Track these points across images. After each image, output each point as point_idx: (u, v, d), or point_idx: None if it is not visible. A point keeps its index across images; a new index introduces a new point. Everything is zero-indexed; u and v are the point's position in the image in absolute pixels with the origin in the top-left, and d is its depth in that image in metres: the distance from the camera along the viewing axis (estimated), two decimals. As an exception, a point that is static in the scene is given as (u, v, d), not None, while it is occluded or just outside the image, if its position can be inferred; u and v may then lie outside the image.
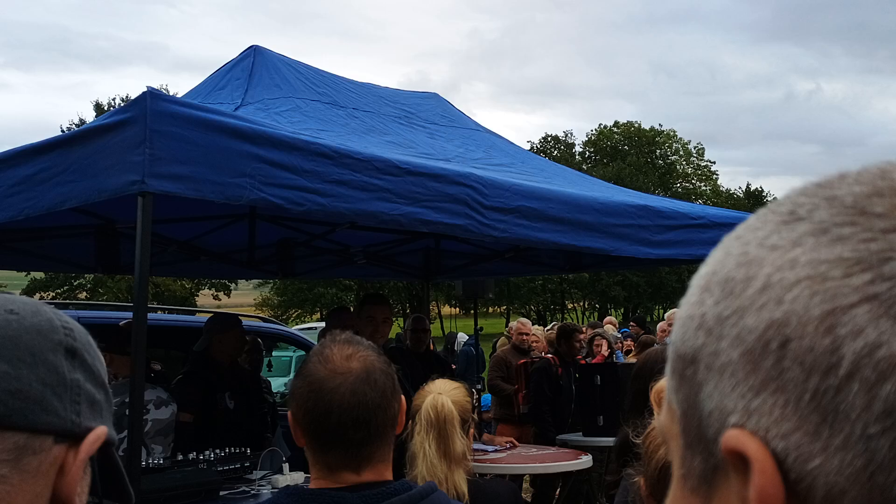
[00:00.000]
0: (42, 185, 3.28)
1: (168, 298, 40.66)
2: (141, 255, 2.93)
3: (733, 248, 0.47)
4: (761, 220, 0.47)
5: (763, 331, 0.42)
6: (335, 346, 1.68)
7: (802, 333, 0.41)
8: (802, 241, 0.43)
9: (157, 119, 2.90)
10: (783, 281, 0.43)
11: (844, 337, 0.40)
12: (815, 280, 0.41)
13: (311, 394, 1.62)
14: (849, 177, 0.46)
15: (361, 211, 3.50)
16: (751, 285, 0.44)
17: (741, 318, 0.44)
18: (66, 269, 7.32)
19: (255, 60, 4.92)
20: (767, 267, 0.44)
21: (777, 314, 0.42)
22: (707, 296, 0.47)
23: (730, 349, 0.44)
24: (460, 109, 6.03)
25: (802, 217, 0.45)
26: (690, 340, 0.47)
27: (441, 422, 2.63)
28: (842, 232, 0.42)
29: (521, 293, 51.73)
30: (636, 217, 4.80)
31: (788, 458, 0.41)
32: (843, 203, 0.44)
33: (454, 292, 8.96)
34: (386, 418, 1.64)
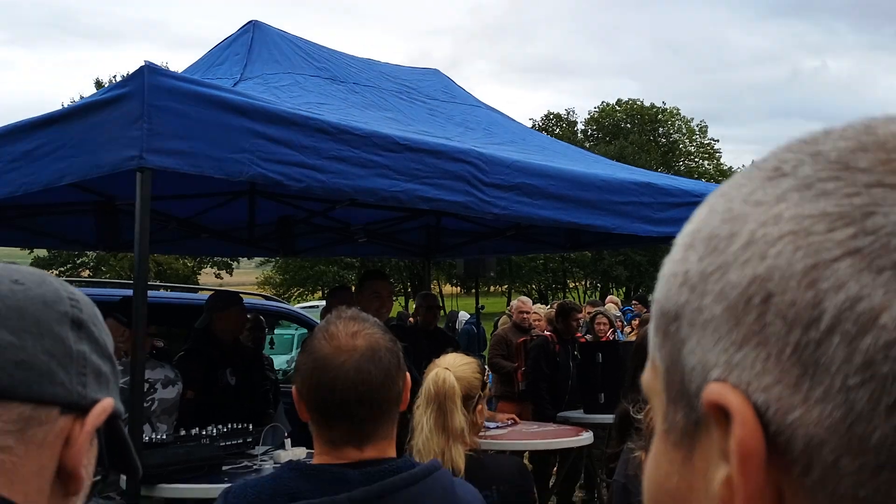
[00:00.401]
0: (40, 161, 3.27)
1: (170, 277, 40.74)
2: (140, 231, 2.92)
3: (718, 205, 0.47)
4: (746, 177, 0.47)
5: (746, 286, 0.43)
6: (340, 322, 1.67)
7: (785, 288, 0.41)
8: (786, 196, 0.43)
9: (155, 94, 2.88)
10: (767, 236, 0.43)
11: (826, 291, 0.40)
12: (799, 235, 0.42)
13: (315, 370, 1.62)
14: (834, 133, 0.46)
15: (361, 187, 3.49)
16: (734, 241, 0.44)
17: (724, 273, 0.44)
18: (66, 246, 7.33)
19: (254, 36, 4.89)
20: (751, 223, 0.44)
21: (760, 269, 0.42)
22: (691, 252, 0.47)
23: (713, 305, 0.44)
24: (462, 86, 5.99)
25: (787, 173, 0.45)
26: (674, 297, 0.47)
27: (441, 396, 2.62)
28: (825, 187, 0.42)
29: (523, 272, 51.73)
30: (638, 194, 4.79)
31: (769, 410, 0.41)
32: (828, 158, 0.44)
33: (455, 271, 8.96)
34: (390, 396, 1.64)
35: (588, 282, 62.69)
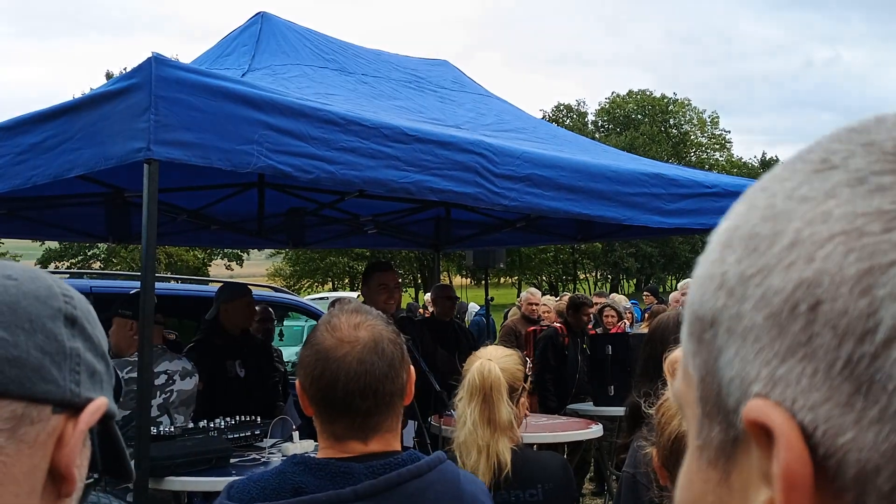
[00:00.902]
0: (48, 153, 3.26)
1: (180, 268, 40.89)
2: (148, 222, 2.91)
3: (758, 201, 0.43)
4: (790, 170, 0.43)
5: (791, 291, 0.38)
6: (343, 315, 1.66)
7: (836, 295, 0.37)
8: (836, 191, 0.39)
9: (163, 85, 2.86)
10: (814, 236, 0.39)
11: (883, 299, 0.36)
12: (851, 235, 0.37)
13: (318, 362, 1.60)
14: (888, 120, 0.41)
15: (370, 179, 3.46)
16: (778, 241, 0.40)
17: (767, 277, 0.40)
18: (77, 238, 7.35)
19: (263, 27, 4.87)
20: (797, 221, 0.40)
21: (807, 273, 0.38)
22: (729, 253, 0.43)
23: (753, 311, 0.40)
24: (471, 77, 5.96)
25: (836, 165, 0.40)
26: (710, 301, 0.43)
27: (487, 388, 2.57)
28: (881, 181, 0.38)
29: (533, 264, 51.69)
30: (649, 185, 4.74)
31: (817, 431, 0.37)
32: (883, 149, 0.39)
33: (465, 262, 8.94)
34: (394, 388, 1.63)
35: (598, 273, 62.60)
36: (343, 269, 48.47)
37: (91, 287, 6.55)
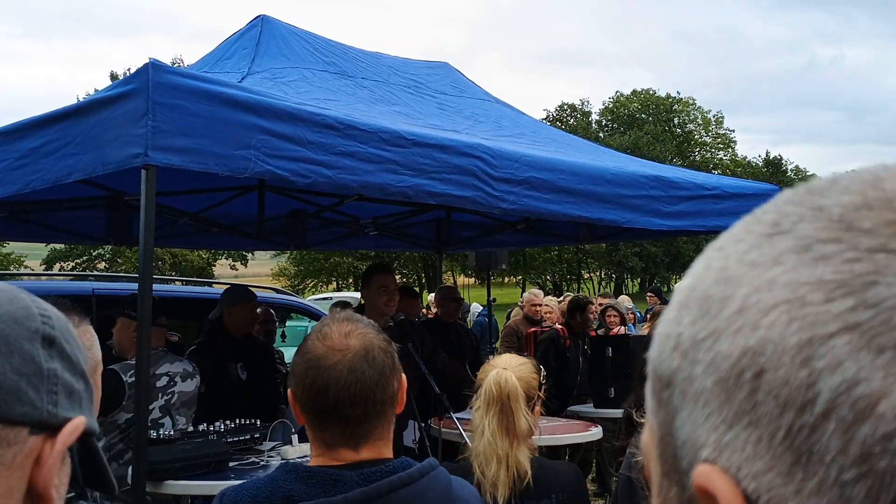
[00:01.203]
0: (47, 158, 3.27)
1: (185, 268, 40.95)
2: (145, 228, 2.92)
3: (714, 262, 0.44)
4: (745, 231, 0.43)
5: (737, 358, 0.39)
6: (334, 324, 1.68)
7: (778, 364, 0.37)
8: (783, 258, 0.40)
9: (160, 91, 2.87)
10: (760, 303, 0.39)
11: (822, 370, 0.36)
12: (794, 304, 0.38)
13: (309, 371, 1.62)
14: (839, 184, 0.42)
15: (368, 183, 3.47)
16: (727, 306, 0.40)
17: (716, 342, 0.40)
18: (78, 241, 7.36)
19: (263, 30, 4.88)
20: (745, 286, 0.40)
21: (752, 341, 0.39)
22: (685, 313, 0.43)
23: (703, 376, 0.40)
24: (474, 79, 5.95)
25: (785, 230, 0.41)
26: (667, 362, 0.44)
27: (504, 397, 2.56)
28: (825, 250, 0.38)
29: (537, 263, 51.65)
30: (649, 188, 4.75)
31: (760, 500, 0.38)
32: (830, 216, 0.40)
33: (467, 263, 8.95)
34: (384, 396, 1.64)
35: (602, 272, 62.52)
36: (347, 268, 48.50)
37: (94, 289, 6.58)
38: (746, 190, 5.48)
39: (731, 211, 5.30)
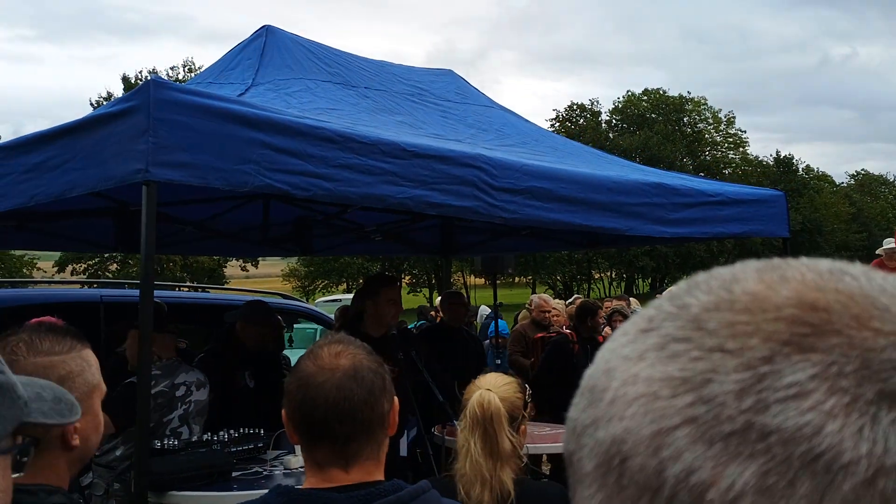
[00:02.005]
0: (51, 173, 3.31)
1: (196, 270, 41.09)
2: (146, 243, 2.95)
3: (605, 353, 0.47)
4: (630, 325, 0.47)
5: (609, 445, 0.43)
6: (326, 345, 1.71)
7: (636, 452, 0.41)
8: (646, 354, 0.43)
9: (161, 107, 2.91)
10: (625, 396, 0.43)
11: (667, 459, 0.40)
12: (649, 398, 0.42)
13: (299, 389, 1.65)
14: (710, 280, 0.46)
15: (368, 195, 3.50)
16: (604, 396, 0.44)
17: (596, 429, 0.44)
18: (86, 248, 7.42)
19: (267, 40, 4.91)
20: (617, 379, 0.44)
21: (618, 430, 0.42)
22: (580, 399, 0.47)
23: (587, 460, 0.44)
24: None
25: (653, 328, 0.45)
26: (567, 444, 0.48)
27: (487, 419, 2.56)
28: (676, 348, 0.42)
29: (548, 263, 51.57)
30: (651, 195, 4.75)
31: None
32: (688, 315, 0.44)
33: (474, 267, 8.95)
34: (373, 416, 1.65)
35: (613, 272, 62.39)
36: (357, 269, 48.57)
37: (101, 296, 6.63)
38: (750, 196, 5.47)
39: (736, 217, 5.29)
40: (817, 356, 0.39)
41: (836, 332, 0.40)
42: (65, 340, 1.66)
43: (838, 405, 0.38)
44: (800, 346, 0.40)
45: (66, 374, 1.62)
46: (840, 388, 0.38)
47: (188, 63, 47.21)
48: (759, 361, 0.40)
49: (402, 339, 4.96)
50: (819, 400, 0.38)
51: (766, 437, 0.38)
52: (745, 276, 0.44)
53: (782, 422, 0.38)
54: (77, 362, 1.65)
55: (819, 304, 0.41)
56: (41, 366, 1.56)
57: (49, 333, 1.65)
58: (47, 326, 1.68)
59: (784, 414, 0.38)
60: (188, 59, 56.10)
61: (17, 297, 6.64)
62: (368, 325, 4.86)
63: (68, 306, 5.89)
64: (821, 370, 0.39)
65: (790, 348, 0.40)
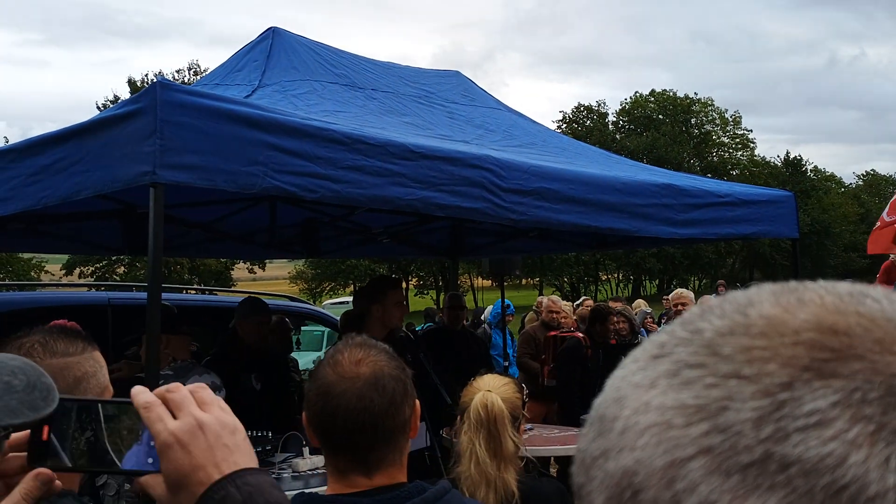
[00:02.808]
0: (58, 175, 3.30)
1: (203, 273, 41.16)
2: (154, 245, 2.93)
3: (615, 381, 0.46)
4: (641, 351, 0.46)
5: (620, 477, 0.41)
6: (347, 350, 1.68)
7: (649, 484, 0.40)
8: (657, 382, 0.42)
9: (168, 109, 2.90)
10: (637, 425, 0.41)
11: (682, 492, 0.38)
12: (662, 427, 0.40)
13: (319, 398, 1.63)
14: (724, 304, 0.44)
15: (376, 196, 3.48)
16: (614, 426, 0.43)
17: (606, 461, 0.42)
18: (94, 251, 7.43)
19: (274, 42, 4.90)
20: (627, 408, 0.42)
21: (629, 461, 0.41)
22: (590, 429, 0.46)
23: (596, 493, 0.43)
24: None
25: (665, 354, 0.43)
26: (575, 476, 0.46)
27: (491, 421, 2.55)
28: (689, 375, 0.41)
29: (555, 265, 51.51)
30: (660, 196, 4.72)
31: None
32: (701, 340, 0.42)
33: (481, 269, 8.94)
34: (394, 424, 1.63)
35: (620, 274, 62.28)
36: (365, 271, 48.60)
37: (109, 299, 6.63)
38: (759, 197, 5.44)
39: (744, 218, 5.27)
40: (839, 382, 0.37)
41: (859, 357, 0.38)
42: (77, 342, 1.66)
43: (862, 434, 0.36)
44: (820, 371, 0.38)
45: (82, 376, 1.62)
46: (864, 416, 0.36)
47: (193, 66, 47.37)
48: (777, 388, 0.38)
49: (410, 341, 4.95)
50: (842, 428, 0.36)
51: (787, 469, 0.36)
52: (760, 300, 0.43)
53: (803, 452, 0.36)
54: (90, 363, 1.65)
55: (839, 327, 0.39)
56: (57, 367, 1.56)
57: (62, 335, 1.66)
58: (59, 329, 1.68)
59: (805, 443, 0.36)
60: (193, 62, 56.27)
61: (25, 301, 6.65)
62: (372, 328, 4.84)
63: (76, 309, 5.90)
64: (843, 397, 0.37)
65: (810, 374, 0.38)
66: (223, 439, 0.90)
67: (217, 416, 0.91)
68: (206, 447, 0.89)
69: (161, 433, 0.90)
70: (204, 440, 0.89)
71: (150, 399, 0.91)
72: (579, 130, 63.49)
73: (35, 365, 1.06)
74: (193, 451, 0.89)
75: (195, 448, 0.89)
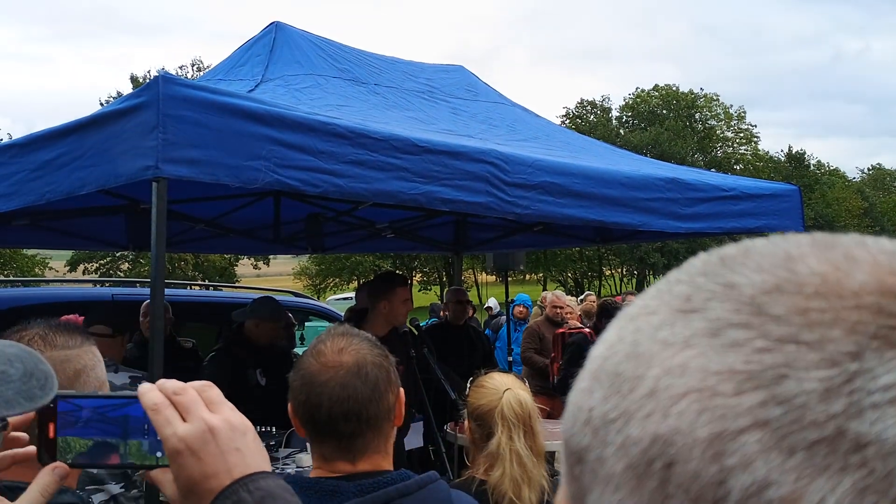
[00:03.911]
0: (61, 170, 3.30)
1: (207, 268, 41.19)
2: (157, 239, 2.93)
3: (626, 334, 0.41)
4: (657, 301, 0.41)
5: (648, 445, 0.37)
6: (329, 339, 1.70)
7: (688, 457, 0.36)
8: (694, 341, 0.38)
9: (170, 103, 2.89)
10: (671, 389, 0.37)
11: (732, 468, 0.34)
12: (704, 394, 0.36)
13: (303, 387, 1.65)
14: (753, 256, 0.40)
15: (379, 191, 3.47)
16: (638, 387, 0.38)
17: (627, 424, 0.38)
18: (98, 247, 7.42)
19: (277, 36, 4.89)
20: (656, 367, 0.38)
21: (662, 428, 0.37)
22: (596, 386, 0.41)
23: (614, 459, 0.39)
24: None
25: (697, 308, 0.39)
26: (577, 436, 0.42)
27: (527, 417, 2.50)
28: (736, 336, 0.36)
29: (558, 260, 51.51)
30: (664, 190, 4.71)
31: None
32: (741, 297, 0.38)
33: (485, 264, 8.93)
34: (379, 411, 1.65)
35: (624, 269, 62.24)
36: (368, 267, 48.64)
37: (113, 295, 6.64)
38: (765, 191, 5.42)
39: (749, 212, 5.25)
40: None
41: None
42: (76, 336, 1.66)
43: None
44: (889, 340, 0.34)
45: (82, 368, 1.62)
46: None
47: (196, 62, 47.38)
48: (844, 357, 0.34)
49: (413, 336, 4.94)
50: None
51: (863, 449, 0.33)
52: (802, 254, 0.38)
53: (881, 431, 0.33)
54: (90, 356, 1.65)
55: None
56: (58, 359, 1.56)
57: (60, 328, 1.66)
58: (56, 322, 1.68)
59: (883, 422, 0.33)
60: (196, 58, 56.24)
61: (29, 297, 6.66)
62: (375, 325, 4.81)
63: (80, 305, 5.90)
64: None
65: (879, 342, 0.34)
66: (235, 443, 0.88)
67: (227, 418, 0.89)
68: (218, 453, 0.87)
69: (170, 439, 0.88)
70: (215, 446, 0.87)
71: (157, 400, 0.89)
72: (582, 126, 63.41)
73: (33, 351, 1.04)
74: (205, 458, 0.87)
75: (206, 455, 0.87)
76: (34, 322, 1.67)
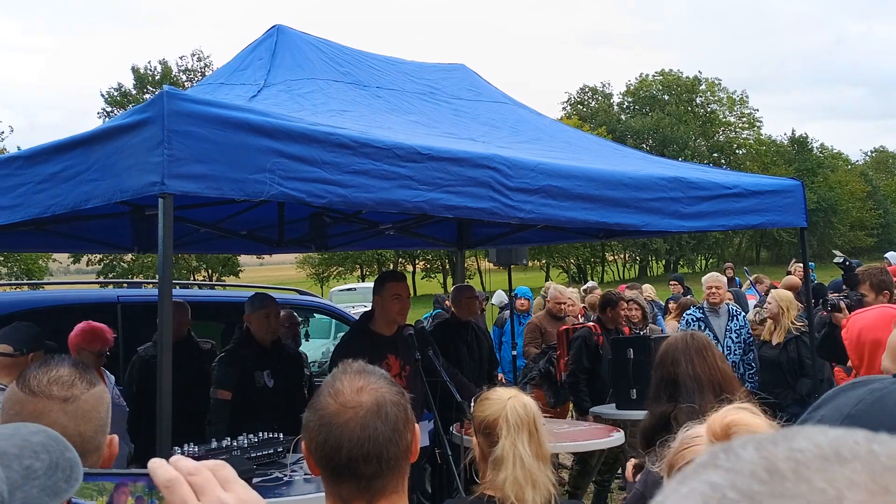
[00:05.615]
0: (66, 183, 3.31)
1: (211, 260, 41.22)
2: (163, 254, 2.94)
3: None
4: None
5: None
6: (346, 377, 1.67)
7: None
8: None
9: (175, 119, 2.90)
10: None
11: None
12: None
13: (322, 428, 1.61)
14: (802, 492, 0.40)
15: (383, 200, 3.48)
16: None
17: None
18: (103, 249, 7.44)
19: (278, 40, 4.88)
20: None
21: None
22: None
23: None
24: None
25: None
26: None
27: (530, 420, 2.55)
28: None
29: (561, 247, 51.41)
30: (667, 190, 4.72)
31: None
32: None
33: (489, 258, 8.91)
34: (398, 451, 1.63)
35: (627, 255, 62.22)
36: (372, 256, 48.67)
37: (118, 297, 6.66)
38: (767, 187, 5.43)
39: (753, 209, 5.26)
40: None
41: None
42: (86, 377, 1.67)
43: None
44: None
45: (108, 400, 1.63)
46: None
47: (197, 52, 47.29)
48: None
49: (419, 337, 4.96)
50: None
51: None
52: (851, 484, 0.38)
53: None
54: (94, 399, 1.66)
55: None
56: (97, 396, 1.58)
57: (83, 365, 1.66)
58: (71, 361, 1.69)
59: None
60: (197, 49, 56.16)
61: (35, 300, 6.69)
62: (378, 324, 4.89)
63: (86, 307, 5.93)
64: None
65: None
66: None
67: (240, 497, 0.91)
68: None
69: None
70: None
71: (171, 477, 0.90)
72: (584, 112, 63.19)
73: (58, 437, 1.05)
74: None
75: None
76: (58, 358, 1.68)
